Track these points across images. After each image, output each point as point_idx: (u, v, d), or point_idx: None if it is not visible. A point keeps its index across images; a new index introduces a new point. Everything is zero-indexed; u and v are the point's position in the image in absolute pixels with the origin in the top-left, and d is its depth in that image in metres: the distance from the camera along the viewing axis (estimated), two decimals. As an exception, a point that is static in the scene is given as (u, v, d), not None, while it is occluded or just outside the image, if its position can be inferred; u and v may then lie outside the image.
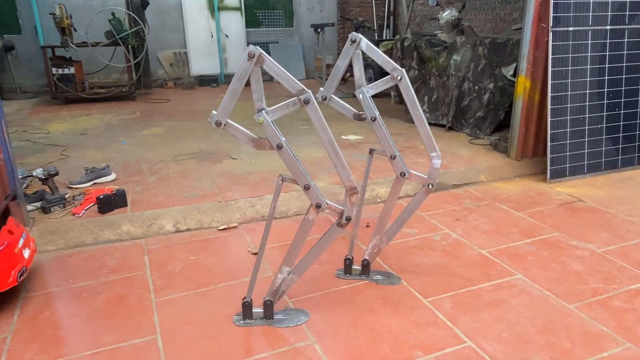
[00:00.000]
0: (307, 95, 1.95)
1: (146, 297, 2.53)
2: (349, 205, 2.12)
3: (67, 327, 2.29)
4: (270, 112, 1.99)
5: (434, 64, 5.76)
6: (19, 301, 2.50)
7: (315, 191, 2.08)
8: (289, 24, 10.74)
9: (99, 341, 2.18)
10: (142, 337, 2.21)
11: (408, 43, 5.93)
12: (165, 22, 9.82)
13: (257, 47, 1.91)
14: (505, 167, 4.40)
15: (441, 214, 3.53)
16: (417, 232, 3.23)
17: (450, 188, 4.02)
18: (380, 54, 2.30)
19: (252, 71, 1.93)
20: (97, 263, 2.88)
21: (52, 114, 7.20)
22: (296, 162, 2.04)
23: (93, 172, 3.96)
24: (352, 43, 2.27)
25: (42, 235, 3.12)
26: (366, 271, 2.65)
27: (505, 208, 3.61)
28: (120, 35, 7.89)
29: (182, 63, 10.12)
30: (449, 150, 4.89)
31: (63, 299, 2.53)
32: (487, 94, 5.26)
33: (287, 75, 1.94)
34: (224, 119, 1.97)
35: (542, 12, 3.97)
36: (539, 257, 2.88)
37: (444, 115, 5.70)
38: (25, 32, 9.05)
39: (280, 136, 2.01)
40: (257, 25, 10.51)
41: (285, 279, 2.24)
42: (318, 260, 2.86)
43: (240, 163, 4.59)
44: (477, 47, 5.35)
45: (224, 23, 10.02)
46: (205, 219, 3.39)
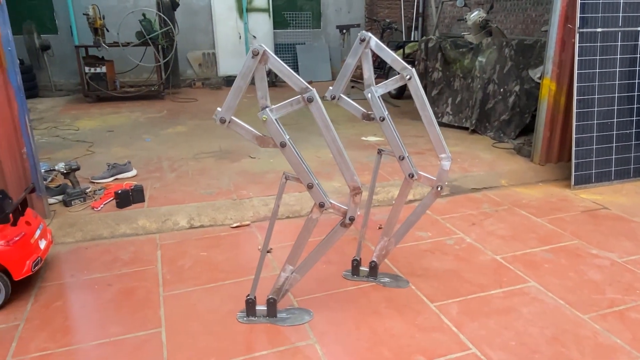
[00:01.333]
0: (311, 94, 1.94)
1: (155, 290, 2.57)
2: (353, 206, 2.10)
3: (76, 317, 2.35)
4: (274, 110, 1.98)
5: (458, 65, 5.66)
6: (34, 290, 2.58)
7: (319, 190, 2.07)
8: (317, 25, 10.76)
9: (106, 332, 2.23)
10: (147, 329, 2.24)
11: (432, 44, 5.85)
12: (195, 23, 10.00)
13: (262, 44, 1.91)
14: (528, 171, 4.27)
15: (457, 217, 3.46)
16: (431, 236, 3.18)
17: (469, 192, 3.94)
18: (389, 53, 2.27)
19: (257, 69, 1.93)
20: (111, 256, 2.95)
21: (83, 111, 7.43)
22: (299, 161, 2.03)
23: (114, 167, 4.06)
24: (362, 42, 2.25)
25: (61, 227, 3.22)
26: (374, 273, 2.62)
27: (524, 214, 3.50)
28: (150, 35, 8.07)
29: (210, 63, 10.28)
30: (470, 154, 4.79)
31: (75, 289, 2.60)
32: (513, 96, 5.13)
33: (290, 73, 1.94)
34: (228, 116, 1.98)
35: (569, 12, 3.84)
36: (556, 264, 2.78)
37: (468, 118, 5.59)
38: (61, 32, 9.38)
39: (284, 134, 2.01)
40: (285, 27, 10.58)
41: (289, 277, 2.23)
42: (326, 261, 2.87)
43: (259, 162, 4.62)
44: (503, 49, 5.23)
45: (252, 24, 10.13)
46: (219, 217, 3.42)
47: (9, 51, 2.91)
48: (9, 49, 2.90)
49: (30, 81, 8.78)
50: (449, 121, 5.82)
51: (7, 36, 2.89)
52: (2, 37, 2.88)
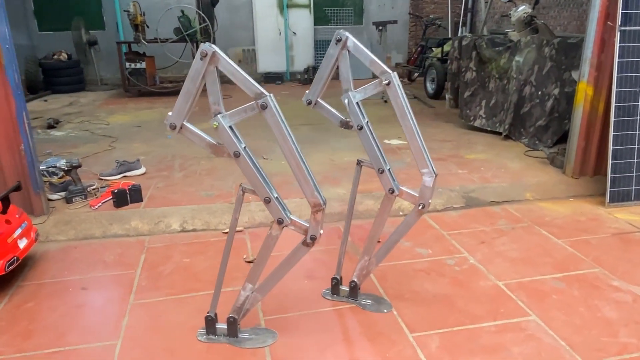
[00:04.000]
0: (265, 100, 1.76)
1: (125, 298, 2.49)
2: (314, 224, 1.90)
3: (41, 321, 2.31)
4: (227, 117, 1.82)
5: (494, 65, 5.25)
6: (12, 289, 2.58)
7: (277, 205, 1.89)
8: (359, 22, 10.49)
9: (63, 340, 2.17)
10: (104, 341, 2.16)
11: (467, 42, 5.46)
12: (236, 20, 10.04)
13: (212, 45, 1.75)
14: (559, 185, 3.86)
15: (466, 234, 3.15)
16: (430, 254, 2.91)
17: (487, 205, 3.60)
18: (368, 54, 2.04)
19: (207, 71, 1.77)
20: (96, 257, 2.92)
21: (120, 105, 7.63)
22: (255, 172, 1.86)
23: (123, 165, 4.06)
24: (337, 42, 2.04)
25: (56, 225, 3.23)
26: (354, 294, 2.40)
27: (544, 233, 3.14)
28: (188, 32, 8.16)
29: (250, 60, 10.29)
30: (497, 162, 4.41)
31: (51, 291, 2.57)
32: (551, 100, 4.68)
33: (244, 77, 1.76)
34: (178, 121, 1.84)
35: (610, 9, 3.41)
36: (566, 296, 2.44)
37: (502, 122, 5.18)
38: (108, 28, 9.71)
39: (239, 143, 1.84)
40: (326, 23, 10.39)
41: (249, 296, 2.07)
42: (309, 276, 2.68)
43: (270, 163, 4.49)
44: (542, 48, 4.78)
45: (292, 20, 10.03)
46: (213, 221, 3.31)
47: (7, 49, 2.93)
48: (6, 46, 2.93)
49: (77, 75, 9.16)
50: (482, 125, 5.42)
51: (4, 34, 2.91)
52: (0, 35, 2.90)
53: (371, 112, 6.70)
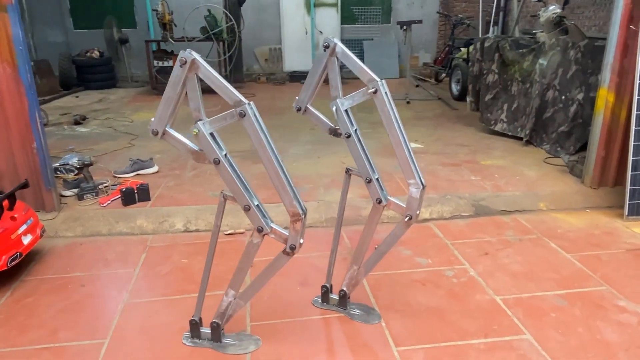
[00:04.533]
0: (243, 108, 1.75)
1: (120, 297, 2.54)
2: (293, 233, 1.88)
3: (37, 317, 2.38)
4: (207, 123, 1.82)
5: (517, 68, 5.07)
6: (16, 283, 2.67)
7: (256, 213, 1.88)
8: (386, 20, 10.37)
9: (55, 336, 2.23)
10: (92, 339, 2.21)
11: (489, 43, 5.30)
12: (263, 19, 10.10)
13: (191, 51, 1.75)
14: (576, 195, 3.69)
15: (470, 244, 3.06)
16: (430, 264, 2.83)
17: (497, 214, 3.48)
18: (356, 61, 2.00)
19: (187, 78, 1.77)
20: (99, 255, 2.99)
21: (146, 103, 7.81)
22: (234, 179, 1.85)
23: (136, 163, 4.15)
24: (325, 49, 2.00)
25: (65, 221, 3.33)
26: (343, 303, 2.37)
27: (553, 246, 3.01)
28: (214, 31, 8.26)
29: (276, 59, 10.34)
30: (513, 169, 4.26)
31: (51, 287, 2.64)
32: (575, 105, 4.48)
33: (223, 85, 1.76)
34: (160, 127, 1.86)
35: (634, 11, 3.22)
36: (566, 315, 2.33)
37: (523, 127, 5.00)
38: (139, 26, 9.95)
39: (219, 150, 1.84)
40: (353, 22, 10.32)
41: (232, 302, 2.07)
42: (302, 282, 2.67)
43: (280, 165, 4.48)
44: (568, 50, 4.58)
45: (319, 19, 10.00)
46: (216, 222, 3.33)
47: (20, 50, 3.03)
48: (20, 47, 3.03)
49: (109, 72, 9.43)
50: (503, 129, 5.25)
51: (18, 36, 3.01)
52: (14, 37, 3.00)
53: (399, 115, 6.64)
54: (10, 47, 3.02)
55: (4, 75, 3.07)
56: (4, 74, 3.06)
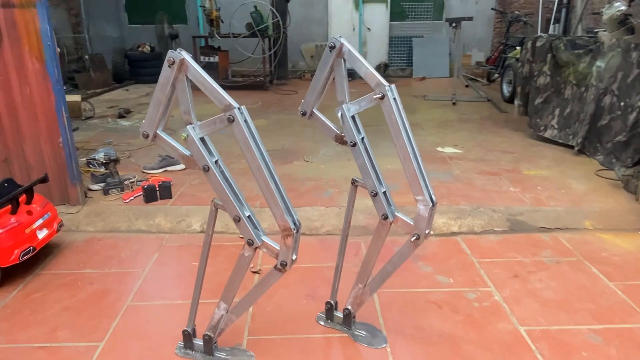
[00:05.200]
0: (232, 113, 1.62)
1: (124, 298, 2.50)
2: (284, 249, 1.74)
3: (42, 313, 2.38)
4: (198, 128, 1.71)
5: (571, 70, 4.65)
6: (29, 277, 2.71)
7: (247, 225, 1.76)
8: (438, 17, 9.97)
9: (53, 335, 2.21)
10: (88, 341, 2.18)
11: (542, 43, 4.90)
12: (310, 15, 9.99)
13: (182, 51, 1.65)
14: (628, 214, 3.31)
15: (499, 264, 2.79)
16: (451, 283, 2.61)
17: (535, 231, 3.18)
18: (363, 64, 1.83)
19: (177, 79, 1.67)
20: (113, 252, 2.98)
21: (190, 98, 7.91)
22: (224, 188, 1.73)
23: (165, 159, 4.16)
24: (331, 50, 1.84)
25: (88, 216, 3.37)
26: (347, 322, 2.21)
27: (594, 272, 2.69)
28: (259, 27, 8.24)
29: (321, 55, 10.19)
30: (559, 181, 3.90)
31: (61, 283, 2.65)
32: (635, 113, 4.04)
33: (213, 87, 1.64)
34: (150, 130, 1.77)
35: None
36: (599, 355, 2.05)
37: (575, 135, 4.59)
38: (190, 22, 10.14)
39: (209, 156, 1.72)
40: (402, 19, 10.01)
41: (224, 316, 1.96)
42: (309, 294, 2.53)
43: (309, 166, 4.36)
44: (629, 52, 4.13)
45: (367, 16, 9.77)
46: (232, 224, 3.24)
47: (48, 46, 3.07)
48: (48, 43, 3.07)
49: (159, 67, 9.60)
50: (553, 136, 4.85)
51: (46, 31, 3.05)
52: (42, 32, 3.04)
53: (434, 115, 6.35)
54: (39, 43, 3.06)
55: (33, 70, 3.12)
56: (33, 69, 3.12)
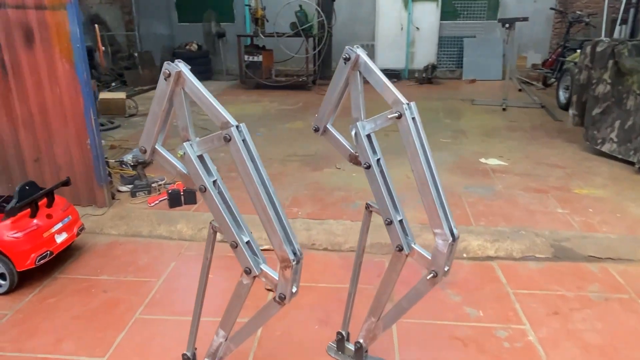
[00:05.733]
0: (228, 132, 1.48)
1: (134, 309, 2.44)
2: (283, 281, 1.58)
3: (51, 321, 2.35)
4: (196, 145, 1.58)
5: (635, 78, 4.20)
6: (47, 280, 2.70)
7: (244, 251, 1.61)
8: (492, 16, 9.46)
9: (57, 347, 2.17)
10: (90, 355, 2.12)
11: (602, 48, 4.46)
12: (358, 14, 9.77)
13: (181, 62, 1.52)
14: (695, 246, 2.91)
15: (538, 297, 2.51)
16: (480, 317, 2.36)
17: (582, 260, 2.85)
18: (380, 78, 1.64)
19: (175, 93, 1.55)
20: (132, 258, 2.94)
21: (233, 97, 7.92)
22: (221, 211, 1.60)
23: (194, 162, 4.10)
24: (346, 61, 1.66)
25: (112, 218, 3.35)
26: (359, 355, 2.02)
27: (650, 314, 2.36)
28: (303, 27, 8.12)
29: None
30: (615, 203, 3.51)
31: (76, 289, 2.63)
32: None
33: (210, 103, 1.50)
34: (148, 145, 1.66)
35: None
36: (649, 422, 1.76)
37: (637, 151, 4.14)
38: (237, 20, 10.17)
39: (207, 175, 1.59)
40: (454, 18, 9.58)
41: (222, 344, 1.84)
42: (323, 319, 2.37)
43: (340, 175, 4.18)
44: None
45: (416, 15, 9.43)
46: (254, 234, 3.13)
47: (78, 48, 3.06)
48: (77, 45, 3.06)
49: (205, 65, 9.77)
50: (611, 151, 4.41)
51: (76, 34, 3.04)
52: (72, 35, 3.04)
53: (481, 121, 5.99)
54: (68, 45, 3.06)
55: (63, 72, 3.13)
56: (62, 70, 3.12)
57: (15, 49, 3.12)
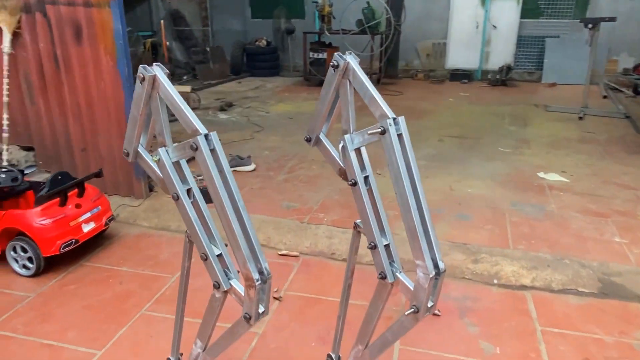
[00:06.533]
0: (195, 140, 1.41)
1: (142, 305, 2.48)
2: (248, 301, 1.49)
3: (64, 307, 2.45)
4: (171, 151, 1.53)
5: None
6: (73, 267, 2.83)
7: (213, 265, 1.54)
8: (580, 15, 8.64)
9: (63, 335, 2.25)
10: (89, 347, 2.17)
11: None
12: (431, 11, 9.38)
13: (158, 65, 1.47)
14: None
15: (570, 338, 2.21)
16: (496, 354, 2.12)
17: (633, 300, 2.48)
18: (367, 88, 1.48)
19: (151, 97, 1.51)
20: (155, 252, 3.01)
21: (293, 94, 7.94)
22: (192, 222, 1.54)
23: (234, 159, 4.14)
24: (335, 69, 1.53)
25: (146, 210, 3.46)
26: (347, 383, 1.89)
27: None
28: (369, 24, 7.93)
29: (439, 54, 9.55)
30: (689, 235, 3.02)
31: (96, 278, 2.73)
32: None
33: (182, 110, 1.44)
34: (130, 148, 1.64)
35: None
36: None
37: None
38: (307, 17, 10.18)
39: (180, 183, 1.54)
40: (536, 16, 8.88)
41: (200, 354, 1.79)
42: (320, 337, 2.25)
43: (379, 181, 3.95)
44: None
45: (494, 12, 8.87)
46: (275, 238, 3.09)
47: (120, 44, 3.17)
48: (120, 42, 3.17)
49: (273, 61, 9.90)
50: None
51: (119, 31, 3.15)
52: (115, 32, 3.15)
53: (550, 130, 5.51)
54: (112, 42, 3.18)
55: (107, 68, 3.26)
56: (107, 66, 3.25)
57: (66, 44, 3.30)
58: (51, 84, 3.47)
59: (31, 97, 3.57)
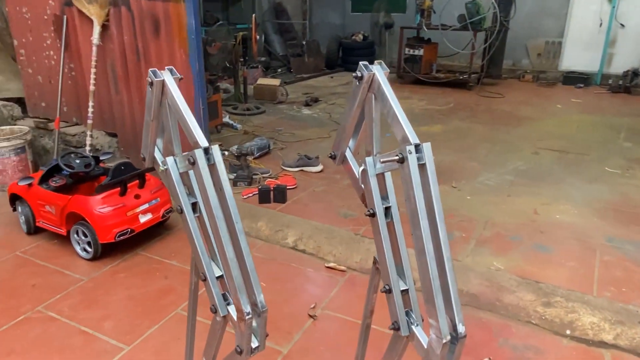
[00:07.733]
0: (193, 154, 1.28)
1: (179, 303, 2.47)
2: (238, 333, 1.35)
3: (109, 296, 2.52)
4: (179, 161, 1.43)
5: None
6: (128, 255, 2.92)
7: (211, 288, 1.43)
8: None
9: (100, 324, 2.31)
10: (119, 341, 2.20)
11: None
12: (546, 6, 8.46)
13: (171, 69, 1.37)
14: None
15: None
16: None
17: None
18: (391, 106, 1.24)
19: (161, 103, 1.42)
20: (206, 248, 3.00)
21: (384, 91, 7.64)
22: (194, 239, 1.43)
23: (302, 159, 4.04)
24: (359, 81, 1.32)
25: (207, 204, 3.48)
26: None
27: None
28: (471, 20, 7.35)
29: (552, 54, 8.60)
30: None
31: (144, 269, 2.78)
32: None
33: (186, 120, 1.33)
34: (145, 152, 1.57)
35: None
36: None
37: None
38: (409, 11, 9.75)
39: (185, 196, 1.43)
40: (676, 13, 7.59)
41: (206, 374, 1.70)
42: (339, 368, 2.05)
43: (452, 195, 3.64)
44: None
45: (622, 9, 7.75)
46: (325, 248, 2.93)
47: (192, 39, 3.20)
48: (192, 37, 3.20)
49: (369, 56, 9.64)
50: None
51: (191, 26, 3.17)
52: (188, 27, 3.18)
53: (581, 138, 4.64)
54: (185, 36, 3.21)
55: (181, 61, 3.31)
56: (180, 59, 3.31)
57: (146, 37, 3.41)
58: (133, 75, 3.63)
59: (116, 86, 3.77)
